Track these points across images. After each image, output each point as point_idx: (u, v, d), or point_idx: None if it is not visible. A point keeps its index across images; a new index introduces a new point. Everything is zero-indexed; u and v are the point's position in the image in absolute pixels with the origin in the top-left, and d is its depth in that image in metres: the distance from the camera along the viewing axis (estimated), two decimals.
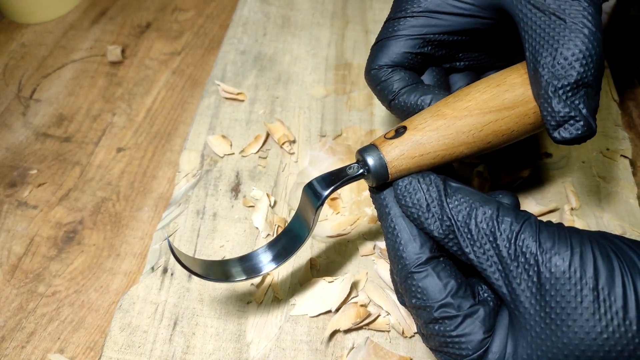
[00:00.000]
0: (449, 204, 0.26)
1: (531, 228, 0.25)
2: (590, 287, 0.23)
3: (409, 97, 0.34)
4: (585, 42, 0.27)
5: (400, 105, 0.34)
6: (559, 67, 0.28)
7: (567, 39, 0.27)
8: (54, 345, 0.36)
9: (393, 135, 0.29)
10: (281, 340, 0.34)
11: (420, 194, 0.27)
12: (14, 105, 0.52)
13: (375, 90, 0.36)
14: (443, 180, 0.28)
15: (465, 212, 0.26)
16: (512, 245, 0.25)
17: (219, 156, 0.45)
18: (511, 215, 0.26)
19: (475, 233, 0.26)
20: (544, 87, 0.28)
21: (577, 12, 0.28)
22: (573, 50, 0.27)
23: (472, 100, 0.29)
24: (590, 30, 0.27)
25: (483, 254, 0.25)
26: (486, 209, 0.26)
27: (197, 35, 0.59)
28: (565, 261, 0.23)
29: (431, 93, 0.33)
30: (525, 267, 0.24)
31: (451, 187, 0.27)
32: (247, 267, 0.30)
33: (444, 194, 0.27)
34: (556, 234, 0.25)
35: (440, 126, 0.28)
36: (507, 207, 0.26)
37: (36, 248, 0.41)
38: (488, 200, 0.26)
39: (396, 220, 0.28)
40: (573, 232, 0.25)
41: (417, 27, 0.34)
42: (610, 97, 0.48)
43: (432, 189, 0.27)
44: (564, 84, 0.28)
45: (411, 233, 0.27)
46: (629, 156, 0.44)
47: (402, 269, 0.27)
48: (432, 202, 0.27)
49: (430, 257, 0.27)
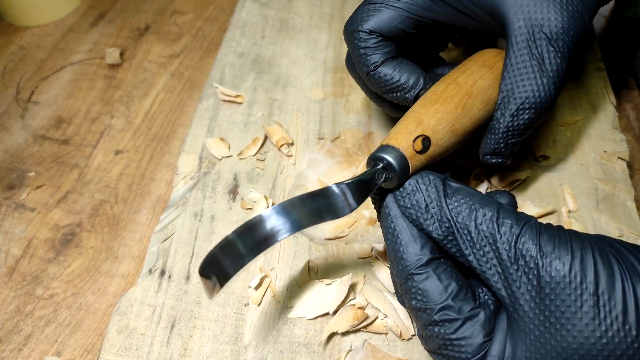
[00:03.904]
0: (449, 205, 0.26)
1: (531, 231, 0.25)
2: (591, 292, 0.23)
3: (391, 70, 0.34)
4: (547, 98, 0.32)
5: (379, 76, 0.35)
6: (520, 113, 0.32)
7: (536, 88, 0.32)
8: (52, 348, 0.36)
9: (421, 150, 0.29)
10: (279, 342, 0.34)
11: (419, 195, 0.27)
12: (12, 108, 0.52)
13: (356, 52, 0.35)
14: (442, 180, 0.27)
15: (465, 214, 0.26)
16: (512, 248, 0.24)
17: (217, 158, 0.45)
18: (511, 217, 0.25)
19: (475, 235, 0.25)
20: (499, 121, 0.33)
21: (555, 63, 0.31)
22: (536, 101, 0.32)
23: (474, 117, 0.32)
24: (555, 88, 0.32)
25: (482, 257, 0.25)
26: (486, 210, 0.26)
27: (196, 38, 0.60)
28: (566, 265, 0.23)
29: (415, 74, 0.34)
30: (525, 271, 0.24)
31: (451, 188, 0.27)
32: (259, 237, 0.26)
33: (443, 195, 0.27)
34: (556, 237, 0.24)
35: (450, 144, 0.31)
36: (507, 209, 0.26)
37: (34, 250, 0.41)
38: (488, 201, 0.26)
39: (396, 221, 0.28)
40: (573, 235, 0.25)
41: (417, 6, 0.34)
42: (607, 100, 0.48)
43: (431, 189, 0.27)
44: (515, 130, 0.33)
45: (412, 234, 0.27)
46: (626, 158, 0.44)
47: (403, 270, 0.27)
48: (431, 203, 0.27)
49: (431, 259, 0.27)
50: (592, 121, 0.47)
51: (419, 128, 0.30)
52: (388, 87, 0.35)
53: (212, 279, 0.25)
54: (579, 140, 0.45)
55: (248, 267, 0.38)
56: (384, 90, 0.36)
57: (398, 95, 0.35)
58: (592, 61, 0.52)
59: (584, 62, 0.52)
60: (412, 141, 0.29)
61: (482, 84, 0.33)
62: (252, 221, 0.26)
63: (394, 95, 0.35)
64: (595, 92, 0.49)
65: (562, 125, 0.47)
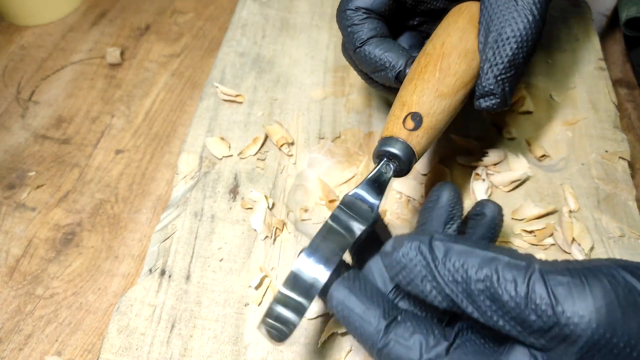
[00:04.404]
0: (443, 276, 0.24)
1: (540, 284, 0.22)
2: (622, 346, 0.21)
3: (376, 49, 0.35)
4: (525, 26, 0.31)
5: (364, 54, 0.35)
6: (500, 44, 0.32)
7: (512, 19, 0.32)
8: (52, 348, 0.36)
9: (414, 127, 0.29)
10: None
11: (411, 270, 0.24)
12: (12, 107, 0.52)
13: (344, 31, 0.36)
14: (429, 243, 0.24)
15: (463, 284, 0.23)
16: (525, 310, 0.22)
17: (218, 158, 0.45)
18: (512, 272, 0.22)
19: (480, 303, 0.23)
20: (483, 61, 0.33)
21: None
22: (515, 31, 0.32)
23: (457, 72, 0.32)
24: (533, 17, 0.32)
25: (496, 320, 0.23)
26: (483, 274, 0.23)
27: (196, 38, 0.60)
28: (592, 323, 0.21)
29: (399, 54, 0.35)
30: (545, 329, 0.22)
31: (440, 250, 0.24)
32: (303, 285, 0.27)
33: (434, 265, 0.24)
34: (571, 285, 0.22)
35: (446, 107, 0.31)
36: (504, 261, 0.23)
37: (34, 250, 0.41)
38: (483, 259, 0.23)
39: (341, 307, 0.26)
40: (590, 276, 0.22)
41: None
42: (608, 99, 0.48)
43: (420, 260, 0.24)
44: (499, 64, 0.32)
45: (361, 311, 0.26)
46: (628, 158, 0.44)
47: (371, 349, 0.26)
48: (426, 277, 0.24)
49: (388, 324, 0.25)
50: (593, 121, 0.47)
51: (404, 108, 0.30)
52: (373, 66, 0.36)
53: (279, 331, 0.26)
54: (580, 139, 0.45)
55: (249, 266, 0.38)
56: (370, 69, 0.36)
57: (382, 74, 0.36)
58: (594, 60, 0.52)
59: (585, 61, 0.52)
60: (402, 123, 0.29)
61: (451, 41, 0.33)
62: (290, 276, 0.27)
63: (379, 75, 0.36)
64: (597, 91, 0.49)
65: (563, 125, 0.46)
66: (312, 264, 0.27)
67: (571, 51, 0.53)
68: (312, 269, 0.27)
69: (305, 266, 0.27)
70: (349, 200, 0.29)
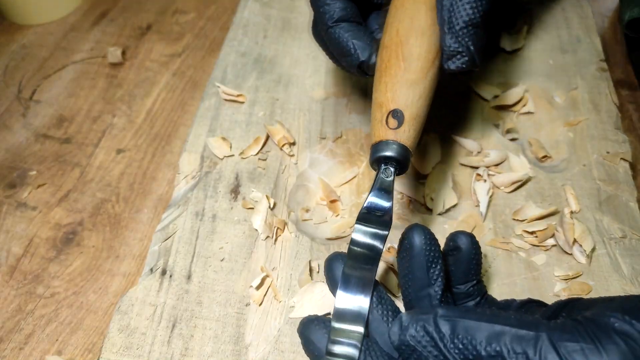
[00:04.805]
0: (454, 355, 0.23)
1: (553, 355, 0.21)
2: None
3: (346, 33, 0.36)
4: None
5: (335, 36, 0.36)
6: (455, 7, 0.32)
7: None
8: (52, 347, 0.36)
9: (397, 124, 0.29)
10: (280, 342, 0.34)
11: (417, 353, 0.25)
12: (14, 107, 0.52)
13: (316, 11, 0.37)
14: (434, 320, 0.24)
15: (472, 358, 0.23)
16: None
17: (219, 158, 0.45)
18: (522, 345, 0.22)
19: None
20: (441, 23, 0.33)
21: None
22: None
23: (420, 54, 0.32)
24: None
25: None
26: (493, 349, 0.22)
27: (198, 37, 0.60)
28: None
29: (365, 45, 0.35)
30: None
31: (446, 328, 0.24)
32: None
33: (442, 345, 0.24)
34: (586, 352, 0.21)
35: (422, 93, 0.31)
36: (513, 335, 0.23)
37: (35, 249, 0.41)
38: (490, 334, 0.23)
39: None
40: (603, 338, 0.21)
41: None
42: (610, 100, 0.48)
43: (428, 341, 0.24)
44: (457, 22, 0.32)
45: None
46: (629, 159, 0.44)
47: None
48: (437, 356, 0.24)
49: None
50: (594, 122, 0.47)
51: (383, 109, 0.31)
52: (340, 50, 0.36)
53: None
54: (581, 140, 0.45)
55: (250, 266, 0.38)
56: (337, 51, 0.37)
57: (347, 60, 0.36)
58: (595, 61, 0.52)
59: (586, 62, 0.52)
60: (385, 125, 0.29)
61: (404, 26, 0.33)
62: (335, 312, 0.28)
63: (345, 60, 0.36)
64: (598, 92, 0.49)
65: (565, 126, 0.46)
66: (350, 297, 0.28)
67: (572, 52, 0.53)
68: (353, 301, 0.28)
69: (344, 301, 0.28)
70: (364, 215, 0.30)
